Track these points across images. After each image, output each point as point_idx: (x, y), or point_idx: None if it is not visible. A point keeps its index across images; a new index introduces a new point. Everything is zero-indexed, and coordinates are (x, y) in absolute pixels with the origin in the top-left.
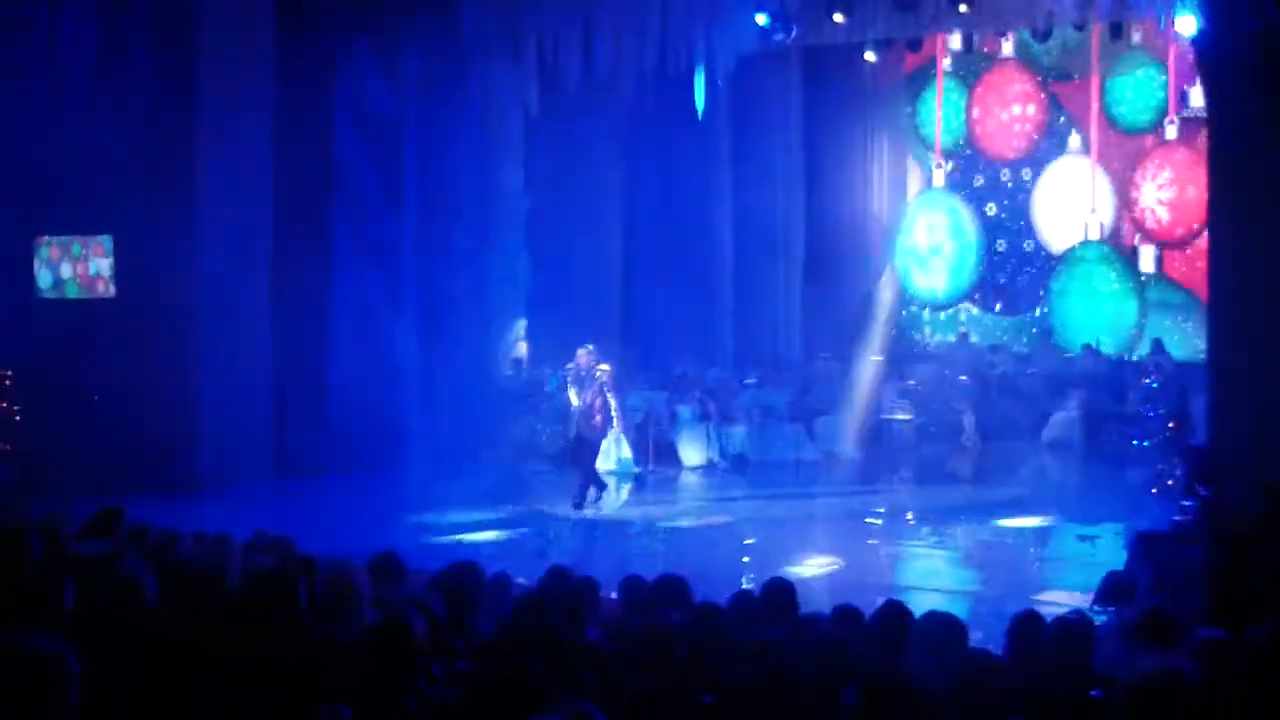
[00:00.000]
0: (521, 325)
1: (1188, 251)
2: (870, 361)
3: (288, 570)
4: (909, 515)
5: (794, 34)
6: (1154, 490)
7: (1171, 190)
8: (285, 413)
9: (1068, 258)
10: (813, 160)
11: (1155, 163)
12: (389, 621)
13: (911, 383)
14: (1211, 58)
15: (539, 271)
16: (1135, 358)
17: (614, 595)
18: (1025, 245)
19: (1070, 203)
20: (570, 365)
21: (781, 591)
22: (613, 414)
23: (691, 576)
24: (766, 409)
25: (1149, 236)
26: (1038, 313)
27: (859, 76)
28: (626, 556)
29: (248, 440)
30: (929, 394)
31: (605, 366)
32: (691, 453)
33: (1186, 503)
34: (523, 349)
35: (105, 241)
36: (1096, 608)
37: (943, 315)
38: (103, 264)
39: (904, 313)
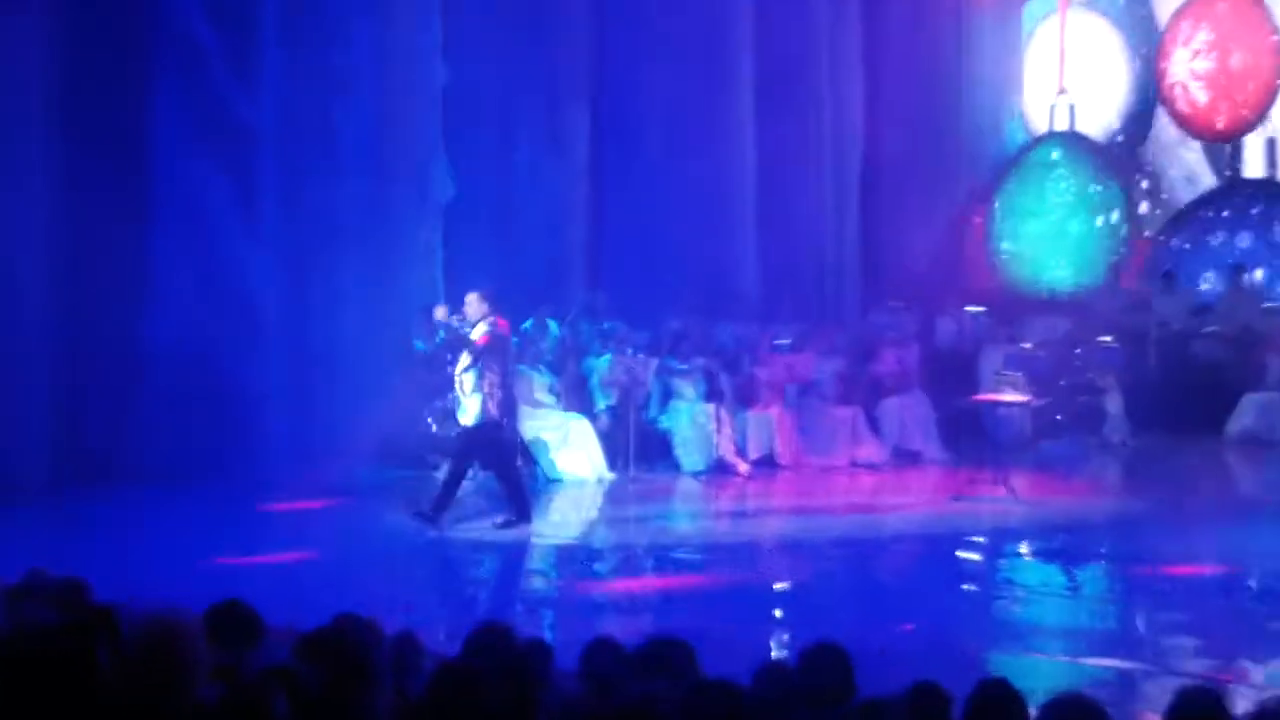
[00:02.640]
0: (436, 259)
1: None
2: (965, 314)
3: (78, 627)
4: (1023, 547)
5: None
6: None
7: (1209, 59)
8: (77, 397)
9: (1016, 161)
10: (878, 31)
11: (1190, 20)
12: (236, 699)
13: (1027, 346)
14: None
15: (463, 178)
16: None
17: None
18: None
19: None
20: (454, 317)
21: (831, 661)
22: (487, 398)
23: (695, 641)
24: (807, 385)
25: (1182, 124)
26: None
27: None
28: (594, 611)
29: (15, 438)
30: (1054, 363)
31: (484, 328)
32: (693, 451)
33: None
34: (441, 311)
35: None
36: None
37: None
38: None
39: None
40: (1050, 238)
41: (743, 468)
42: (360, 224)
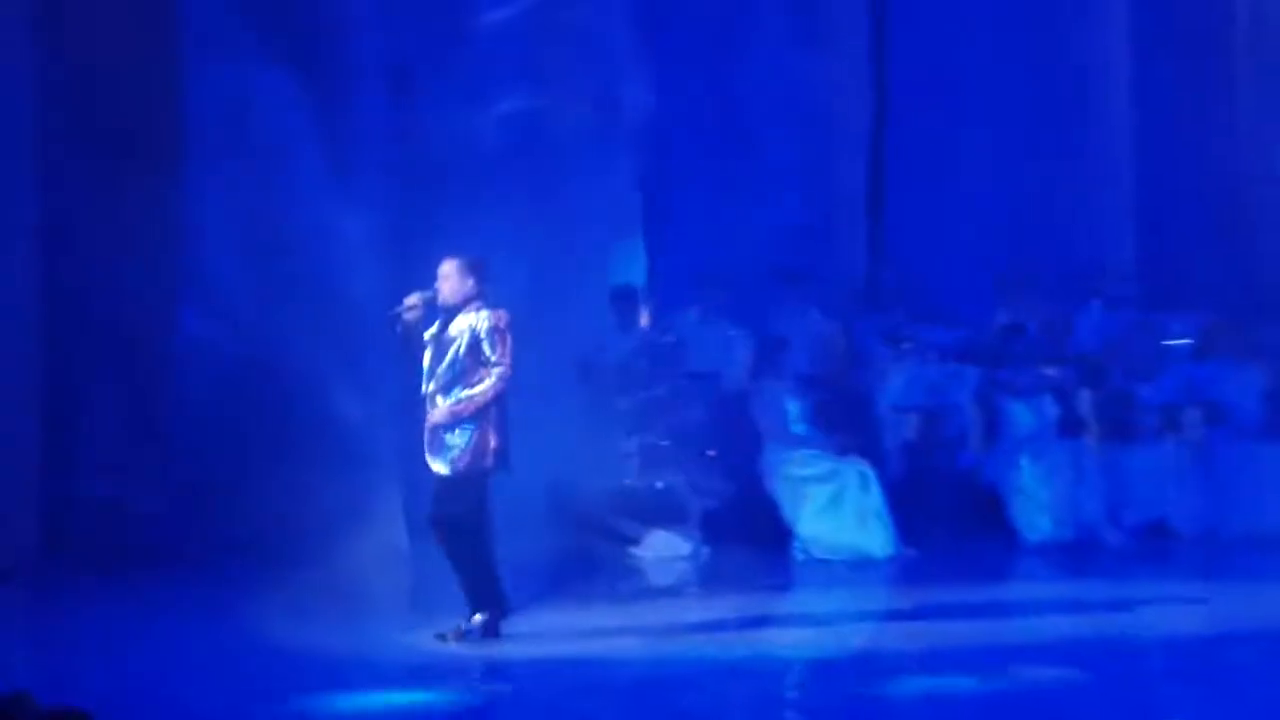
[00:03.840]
0: (632, 215)
1: None
2: None
3: None
4: None
5: None
6: None
7: None
8: (77, 431)
9: None
10: None
11: None
12: None
13: None
14: None
15: (670, 93)
16: None
17: None
18: None
19: None
20: (410, 305)
21: None
22: (476, 434)
23: None
24: (1219, 410)
25: None
26: None
27: None
28: None
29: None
30: None
31: (483, 320)
32: (1037, 511)
33: None
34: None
35: None
36: None
37: None
38: None
39: None
40: None
41: (1117, 538)
42: (513, 164)
